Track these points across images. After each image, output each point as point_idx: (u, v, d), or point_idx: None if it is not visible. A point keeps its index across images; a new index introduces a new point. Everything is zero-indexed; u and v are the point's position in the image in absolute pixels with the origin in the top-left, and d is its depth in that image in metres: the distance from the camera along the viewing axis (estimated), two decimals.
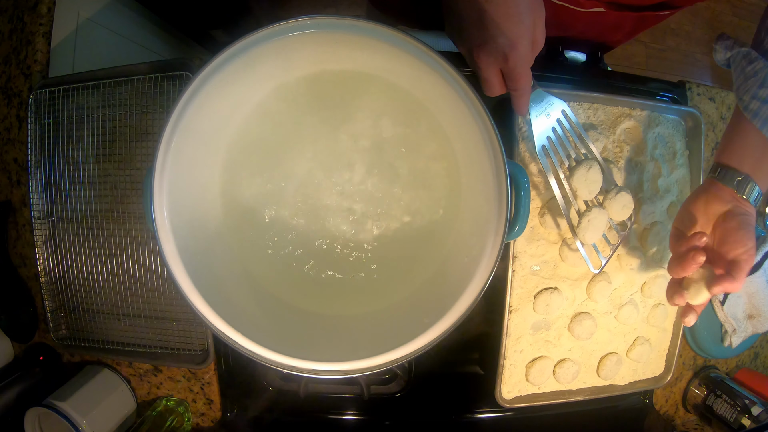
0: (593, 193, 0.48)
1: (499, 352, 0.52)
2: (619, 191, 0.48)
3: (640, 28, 0.62)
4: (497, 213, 0.36)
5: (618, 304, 0.56)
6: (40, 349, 0.57)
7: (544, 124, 0.45)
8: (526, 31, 0.36)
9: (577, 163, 0.47)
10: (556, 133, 0.46)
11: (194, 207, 0.40)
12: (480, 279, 0.36)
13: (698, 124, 0.56)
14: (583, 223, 0.47)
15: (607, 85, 0.60)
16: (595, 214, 0.47)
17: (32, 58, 0.55)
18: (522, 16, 0.36)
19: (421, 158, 0.45)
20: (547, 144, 0.46)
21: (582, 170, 0.47)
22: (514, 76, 0.38)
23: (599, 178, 0.47)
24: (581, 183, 0.47)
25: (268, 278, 0.45)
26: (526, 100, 0.42)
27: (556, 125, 0.46)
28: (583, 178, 0.47)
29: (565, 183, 0.47)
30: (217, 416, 0.58)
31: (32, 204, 0.53)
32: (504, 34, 0.36)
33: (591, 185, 0.47)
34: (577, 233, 0.47)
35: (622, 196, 0.48)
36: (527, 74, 0.39)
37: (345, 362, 0.37)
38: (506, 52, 0.37)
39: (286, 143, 0.44)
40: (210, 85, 0.35)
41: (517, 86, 0.39)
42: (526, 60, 0.38)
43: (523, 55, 0.37)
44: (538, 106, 0.45)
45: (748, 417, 0.58)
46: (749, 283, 0.62)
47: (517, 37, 0.36)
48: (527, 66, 0.38)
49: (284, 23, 0.34)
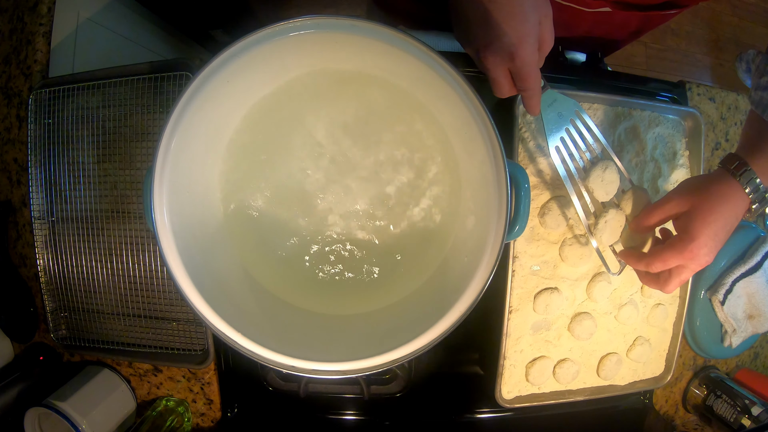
0: (610, 194, 0.47)
1: (499, 352, 0.52)
2: (637, 191, 0.47)
3: (646, 27, 0.62)
4: (497, 213, 0.36)
5: (618, 304, 0.56)
6: (40, 349, 0.57)
7: (556, 124, 0.45)
8: (531, 29, 0.36)
9: (593, 163, 0.46)
10: (570, 134, 0.45)
11: (194, 207, 0.40)
12: (480, 279, 0.36)
13: (698, 125, 0.56)
14: (600, 224, 0.46)
15: (607, 85, 0.60)
16: (612, 215, 0.46)
17: (32, 58, 0.55)
18: (527, 14, 0.36)
19: (420, 158, 0.45)
20: (560, 144, 0.45)
21: (598, 171, 0.46)
22: (522, 76, 0.38)
23: (616, 178, 0.46)
24: (597, 184, 0.46)
25: (268, 278, 0.45)
26: (537, 100, 0.41)
27: (569, 125, 0.45)
28: (599, 179, 0.46)
29: (580, 184, 0.46)
30: (217, 416, 0.58)
31: (32, 204, 0.53)
32: (509, 34, 0.36)
33: (608, 186, 0.46)
34: (594, 235, 0.47)
35: (639, 196, 0.47)
36: (536, 74, 0.38)
37: (345, 362, 0.37)
38: (512, 52, 0.36)
39: (286, 143, 0.44)
40: (210, 85, 0.35)
41: (526, 86, 0.39)
42: (533, 59, 0.37)
43: (529, 54, 0.37)
44: (550, 106, 0.44)
45: (748, 417, 0.58)
46: (749, 283, 0.62)
47: (522, 36, 0.36)
48: (535, 65, 0.38)
49: (284, 23, 0.34)
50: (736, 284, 0.62)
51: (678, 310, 0.59)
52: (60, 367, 0.58)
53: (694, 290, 0.61)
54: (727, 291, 0.61)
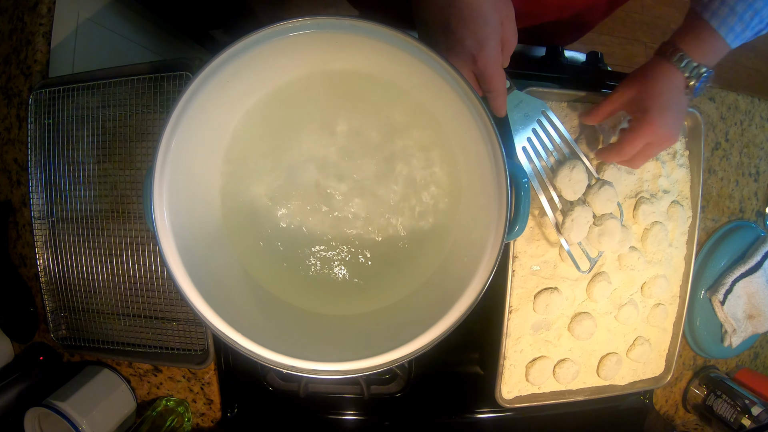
0: (578, 193, 0.48)
1: (499, 352, 0.52)
2: (603, 185, 0.47)
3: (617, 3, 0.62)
4: (497, 213, 0.36)
5: (618, 304, 0.56)
6: (40, 349, 0.57)
7: (523, 125, 0.45)
8: (492, 31, 0.36)
9: (560, 163, 0.47)
10: (537, 134, 0.46)
11: (194, 207, 0.40)
12: (480, 279, 0.36)
13: (698, 124, 0.56)
14: (567, 222, 0.47)
15: (607, 85, 0.60)
16: (579, 212, 0.47)
17: (32, 58, 0.55)
18: (487, 17, 0.36)
19: (420, 158, 0.45)
20: (526, 145, 0.46)
21: (565, 170, 0.47)
22: (486, 78, 0.38)
23: (584, 177, 0.47)
24: (565, 183, 0.47)
25: (268, 278, 0.45)
26: (502, 101, 0.42)
27: (536, 125, 0.45)
28: (567, 179, 0.47)
29: (548, 183, 0.47)
30: (217, 416, 0.58)
31: (32, 204, 0.53)
32: (469, 38, 0.36)
33: (575, 185, 0.47)
34: (562, 233, 0.47)
35: (605, 190, 0.47)
36: (499, 75, 0.39)
37: (345, 362, 0.36)
38: (474, 55, 0.37)
39: (285, 143, 0.44)
40: (210, 85, 0.35)
41: (490, 87, 0.39)
42: (496, 60, 0.38)
43: (491, 56, 0.37)
44: (516, 107, 0.44)
45: (748, 417, 0.58)
46: (749, 283, 0.62)
47: (483, 39, 0.36)
48: (498, 66, 0.38)
49: (284, 23, 0.34)
50: (736, 284, 0.62)
51: (678, 310, 0.59)
52: (60, 367, 0.58)
53: (694, 290, 0.61)
54: (727, 291, 0.61)
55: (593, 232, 0.49)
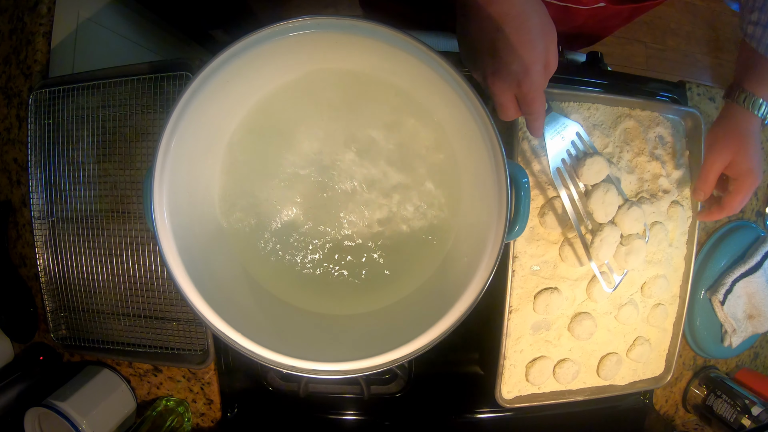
0: (609, 215, 0.48)
1: (499, 352, 0.52)
2: (631, 206, 0.48)
3: (636, 14, 0.63)
4: (497, 213, 0.36)
5: (618, 304, 0.56)
6: (40, 349, 0.57)
7: (558, 146, 0.46)
8: (539, 56, 0.36)
9: (594, 186, 0.48)
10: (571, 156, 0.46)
11: (194, 207, 0.40)
12: (480, 279, 0.36)
13: (698, 125, 0.56)
14: (595, 242, 0.47)
15: (607, 85, 0.60)
16: (608, 232, 0.47)
17: (32, 58, 0.55)
18: (534, 42, 0.36)
19: (420, 158, 0.45)
20: (561, 166, 0.46)
21: (599, 193, 0.47)
22: (528, 101, 0.38)
23: (616, 200, 0.48)
24: (598, 206, 0.48)
25: (268, 278, 0.45)
26: (540, 123, 0.42)
27: (570, 147, 0.46)
28: (600, 201, 0.48)
29: (579, 204, 0.47)
30: (217, 416, 0.58)
31: (32, 204, 0.53)
32: (517, 62, 0.36)
33: (608, 207, 0.48)
34: (591, 253, 0.48)
35: (633, 210, 0.48)
36: (541, 98, 0.39)
37: (345, 362, 0.36)
38: (520, 79, 0.37)
39: (285, 143, 0.44)
40: (210, 85, 0.35)
41: (531, 110, 0.39)
42: (540, 84, 0.38)
43: (536, 81, 0.37)
44: (552, 128, 0.45)
45: (748, 417, 0.58)
46: (749, 283, 0.62)
47: (530, 63, 0.36)
48: (541, 90, 0.38)
49: (284, 23, 0.34)
50: (736, 284, 0.62)
51: (678, 310, 0.59)
52: (60, 367, 0.58)
53: (694, 290, 0.61)
54: (727, 291, 0.61)
55: (620, 252, 0.49)
